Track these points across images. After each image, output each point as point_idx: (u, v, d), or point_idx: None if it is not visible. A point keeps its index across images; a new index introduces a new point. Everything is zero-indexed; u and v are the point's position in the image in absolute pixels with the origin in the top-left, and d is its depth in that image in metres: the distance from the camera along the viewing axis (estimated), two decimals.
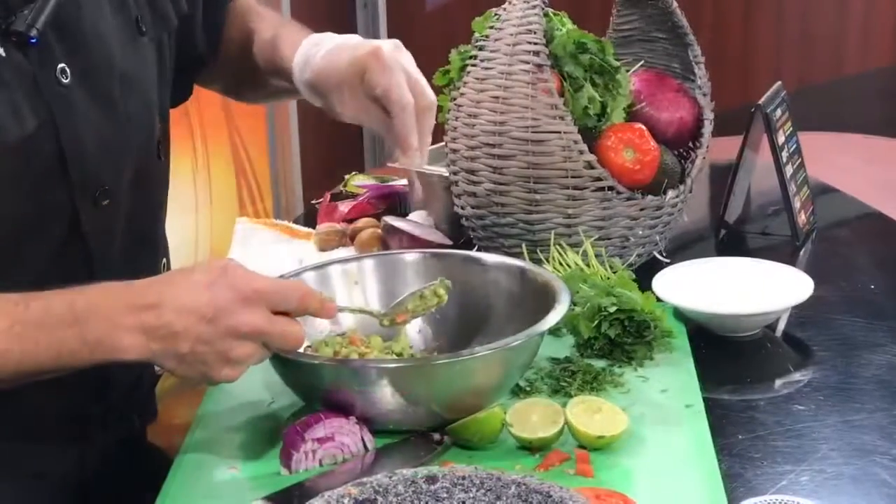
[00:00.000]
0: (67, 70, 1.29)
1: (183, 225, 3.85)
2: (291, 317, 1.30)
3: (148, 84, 1.43)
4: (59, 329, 1.21)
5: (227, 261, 1.30)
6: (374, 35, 4.36)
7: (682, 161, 1.96)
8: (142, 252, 1.46)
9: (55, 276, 1.29)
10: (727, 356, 1.62)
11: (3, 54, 1.24)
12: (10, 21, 1.24)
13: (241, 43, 1.66)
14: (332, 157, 4.40)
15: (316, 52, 1.55)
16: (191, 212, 3.88)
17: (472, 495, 1.11)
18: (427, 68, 1.91)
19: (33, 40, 1.25)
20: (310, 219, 2.22)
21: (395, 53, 1.50)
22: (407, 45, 1.56)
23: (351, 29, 4.36)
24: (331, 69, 1.52)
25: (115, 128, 1.35)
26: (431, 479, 1.12)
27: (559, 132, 1.76)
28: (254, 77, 1.68)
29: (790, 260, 1.93)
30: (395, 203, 2.12)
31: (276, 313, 1.28)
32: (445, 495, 1.11)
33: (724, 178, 2.13)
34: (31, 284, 1.25)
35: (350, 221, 2.05)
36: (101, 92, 1.34)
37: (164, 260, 1.54)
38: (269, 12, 1.70)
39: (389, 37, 1.57)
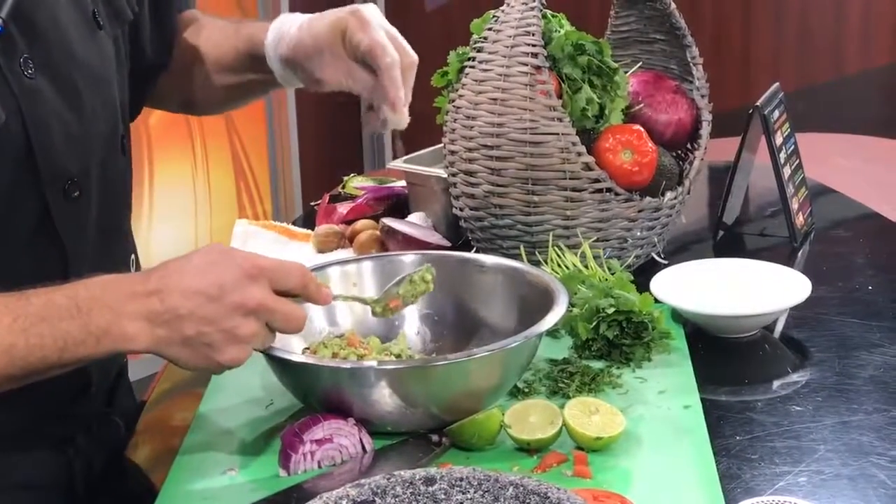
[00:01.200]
0: (31, 62, 1.29)
1: (182, 227, 3.85)
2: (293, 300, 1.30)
3: (109, 78, 1.43)
4: (64, 321, 1.21)
5: (221, 244, 1.31)
6: None
7: (680, 162, 1.96)
8: (112, 246, 1.46)
9: (28, 270, 1.29)
10: (725, 357, 1.62)
11: None
12: None
13: (193, 51, 1.65)
14: (330, 160, 4.40)
15: (288, 27, 1.54)
16: (190, 214, 3.88)
17: (469, 496, 1.11)
18: (426, 69, 1.91)
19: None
20: (308, 220, 2.22)
21: (374, 12, 1.49)
22: None
23: None
24: (309, 37, 1.51)
25: (81, 121, 1.35)
26: (429, 481, 1.12)
27: (557, 133, 1.76)
28: (208, 82, 1.66)
29: (788, 261, 1.93)
30: (394, 203, 2.12)
31: (277, 293, 1.28)
32: (443, 496, 1.11)
33: (722, 179, 2.13)
34: (3, 278, 1.25)
35: (348, 223, 2.06)
36: (64, 84, 1.33)
37: (133, 256, 1.53)
38: (220, 19, 1.69)
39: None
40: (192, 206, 3.89)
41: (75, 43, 1.36)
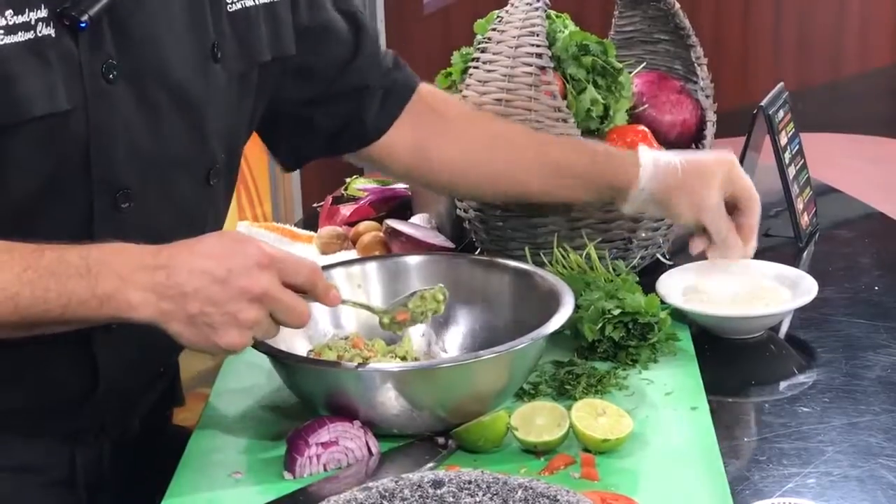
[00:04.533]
0: (115, 67, 1.30)
1: None
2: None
3: (210, 109, 1.41)
4: (72, 279, 1.22)
5: (237, 231, 1.31)
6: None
7: None
8: None
9: None
10: (731, 358, 1.62)
11: (53, 35, 1.25)
12: (65, 5, 1.26)
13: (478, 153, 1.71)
14: (330, 161, 4.38)
15: (665, 160, 1.68)
16: None
17: (478, 499, 1.10)
18: (425, 71, 1.91)
19: (83, 24, 1.26)
20: (310, 223, 2.21)
21: None
22: (405, 48, 1.57)
23: None
24: (689, 172, 1.67)
25: (154, 139, 1.35)
26: (437, 484, 1.12)
27: (562, 134, 1.76)
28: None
29: (793, 261, 1.92)
30: (397, 205, 2.12)
31: (286, 287, 1.28)
32: (452, 499, 1.11)
33: None
34: None
35: (351, 225, 2.05)
36: (146, 98, 1.34)
37: None
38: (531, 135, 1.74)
39: (388, 40, 1.57)
40: None
41: (174, 64, 1.36)
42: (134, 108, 1.32)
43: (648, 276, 1.75)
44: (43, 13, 1.25)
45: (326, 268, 1.59)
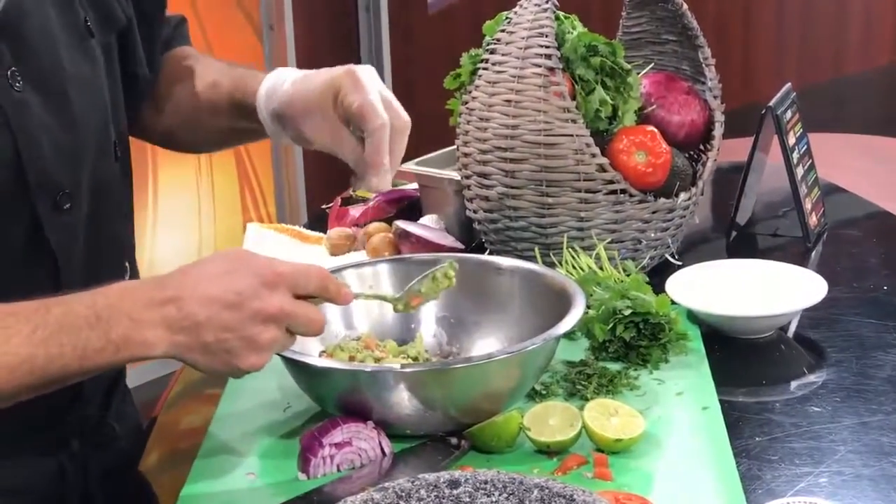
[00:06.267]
0: (18, 75, 1.29)
1: (186, 231, 3.85)
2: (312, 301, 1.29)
3: (99, 85, 1.42)
4: (83, 330, 1.20)
5: (239, 249, 1.30)
6: (377, 37, 4.36)
7: (693, 163, 1.96)
8: (105, 254, 1.45)
9: (20, 282, 1.29)
10: (741, 358, 1.62)
11: None
12: None
13: (184, 87, 1.62)
14: (335, 162, 4.38)
15: (282, 82, 1.52)
16: (194, 218, 3.88)
17: (494, 499, 1.11)
18: (429, 70, 1.91)
19: None
20: (316, 223, 2.21)
21: (369, 73, 1.47)
22: (409, 48, 1.56)
23: (354, 32, 4.36)
24: (301, 94, 1.49)
25: (70, 130, 1.34)
26: (454, 484, 1.12)
27: (571, 135, 1.76)
28: (197, 121, 1.63)
29: (801, 261, 1.93)
30: (406, 206, 2.12)
31: (297, 297, 1.27)
32: (468, 499, 1.11)
33: (730, 179, 2.13)
34: None
35: (361, 226, 2.05)
36: (53, 95, 1.33)
37: (127, 263, 1.51)
38: (217, 60, 1.66)
39: (392, 40, 1.57)
40: (196, 210, 3.89)
41: (65, 53, 1.36)
42: (46, 108, 1.31)
43: (658, 276, 1.75)
44: None
45: (337, 270, 1.60)
